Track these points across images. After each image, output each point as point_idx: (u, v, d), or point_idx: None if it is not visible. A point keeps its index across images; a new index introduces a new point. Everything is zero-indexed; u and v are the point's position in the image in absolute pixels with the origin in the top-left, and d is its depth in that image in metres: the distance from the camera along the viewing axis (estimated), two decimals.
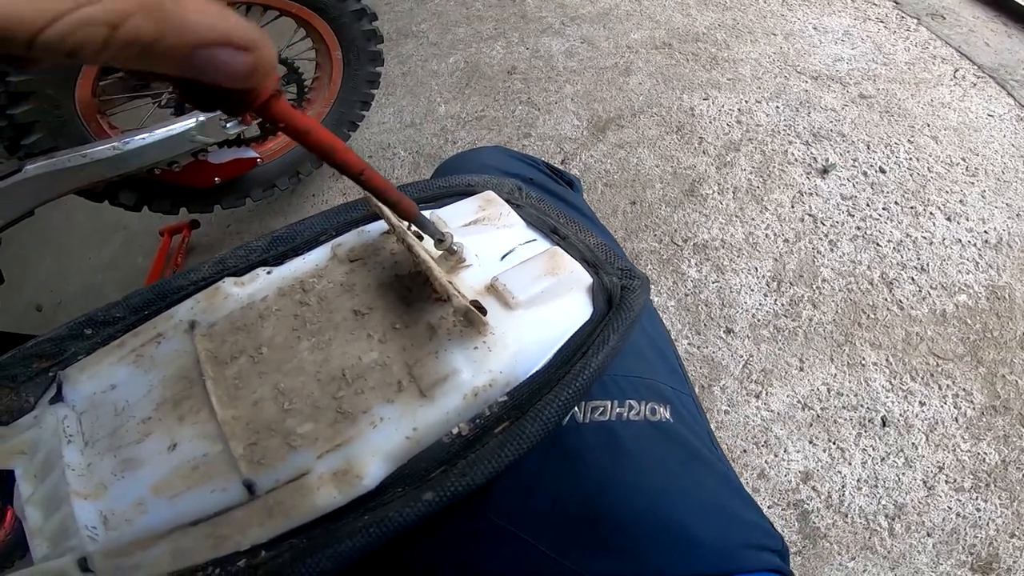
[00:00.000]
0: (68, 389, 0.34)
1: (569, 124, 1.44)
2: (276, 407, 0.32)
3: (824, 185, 1.23)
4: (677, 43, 1.58)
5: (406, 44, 1.74)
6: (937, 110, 1.34)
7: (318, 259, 0.39)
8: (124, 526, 0.30)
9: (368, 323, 0.35)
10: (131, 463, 0.31)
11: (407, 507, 0.30)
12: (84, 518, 0.29)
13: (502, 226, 0.44)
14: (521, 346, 0.34)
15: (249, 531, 0.30)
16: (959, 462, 0.91)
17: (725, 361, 1.03)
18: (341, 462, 0.31)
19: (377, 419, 0.32)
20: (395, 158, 1.47)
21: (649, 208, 1.25)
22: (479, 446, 0.32)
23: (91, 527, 0.29)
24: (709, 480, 0.41)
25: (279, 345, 0.34)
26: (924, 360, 1.00)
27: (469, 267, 0.38)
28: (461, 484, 0.30)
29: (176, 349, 0.35)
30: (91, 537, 0.29)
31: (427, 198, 0.48)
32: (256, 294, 0.37)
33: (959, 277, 1.09)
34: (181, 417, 0.32)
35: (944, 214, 1.17)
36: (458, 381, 0.32)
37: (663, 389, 0.43)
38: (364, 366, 0.33)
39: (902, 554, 0.85)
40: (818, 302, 1.08)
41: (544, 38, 1.67)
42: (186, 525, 0.30)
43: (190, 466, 0.31)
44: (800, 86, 1.43)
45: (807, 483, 0.92)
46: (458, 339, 0.33)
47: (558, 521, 0.37)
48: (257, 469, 0.30)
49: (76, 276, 1.44)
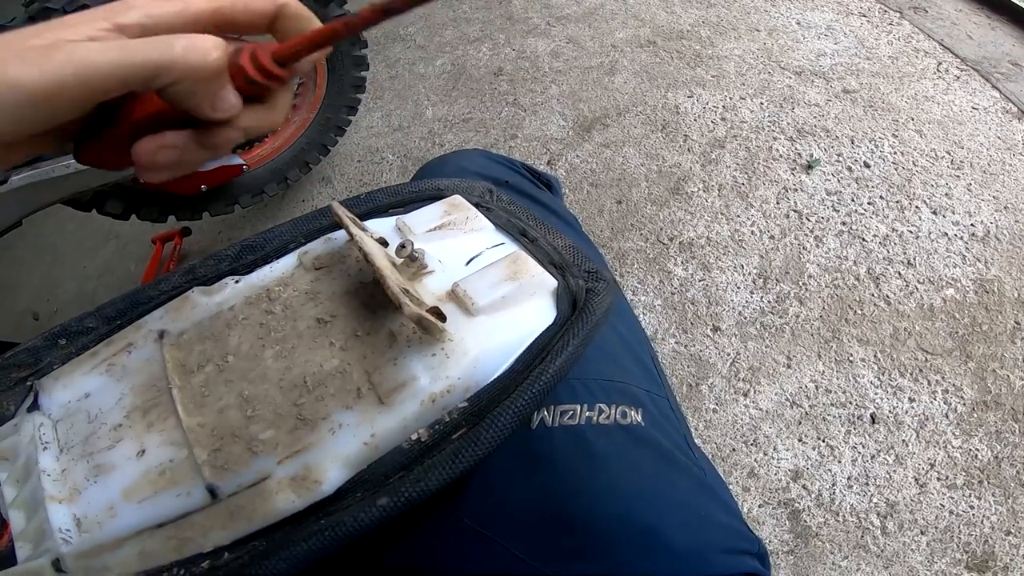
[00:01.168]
0: (44, 398, 0.35)
1: (555, 125, 1.43)
2: (240, 414, 0.33)
3: (809, 181, 1.23)
4: (662, 41, 1.58)
5: (393, 48, 1.74)
6: (921, 104, 1.34)
7: (285, 267, 0.39)
8: (96, 529, 0.31)
9: (331, 331, 0.35)
10: (103, 468, 0.32)
11: (362, 512, 0.30)
12: (58, 521, 0.30)
13: (469, 230, 0.43)
14: (481, 352, 0.34)
15: (211, 534, 0.31)
16: (951, 459, 0.91)
17: (712, 359, 1.03)
18: (300, 468, 0.31)
19: (336, 425, 0.32)
20: (383, 162, 1.46)
21: (635, 207, 1.24)
22: (436, 452, 0.32)
23: (64, 530, 0.30)
24: (683, 483, 0.41)
25: (245, 354, 0.35)
26: (913, 356, 1.00)
27: (431, 273, 0.38)
28: (415, 490, 0.31)
29: (146, 358, 0.36)
30: (64, 539, 0.30)
31: (396, 203, 0.47)
32: (224, 303, 0.38)
33: (946, 271, 1.08)
34: (150, 424, 0.33)
35: (930, 208, 1.17)
36: (416, 388, 0.33)
37: (635, 392, 0.43)
38: (325, 373, 0.34)
39: (896, 552, 0.85)
40: (805, 299, 1.08)
41: (530, 39, 1.67)
42: (152, 528, 0.31)
43: (157, 471, 0.32)
44: (784, 82, 1.43)
45: (797, 481, 0.91)
46: (417, 346, 0.34)
47: (531, 525, 0.37)
48: (220, 474, 0.31)
49: (70, 283, 1.44)
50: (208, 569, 0.30)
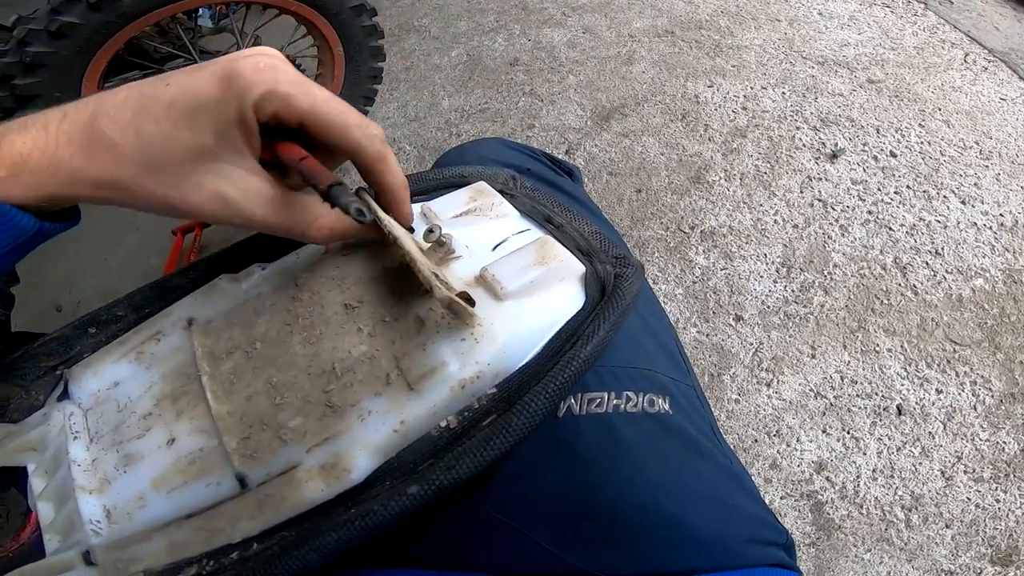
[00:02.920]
0: (74, 387, 0.35)
1: (573, 114, 1.42)
2: (268, 401, 0.32)
3: (834, 170, 1.21)
4: (680, 31, 1.56)
5: (408, 39, 1.74)
6: (948, 94, 1.32)
7: (311, 253, 0.39)
8: (125, 520, 0.30)
9: (358, 316, 0.34)
10: (132, 458, 0.32)
11: (392, 500, 0.29)
12: (88, 512, 0.30)
13: (494, 216, 0.43)
14: (510, 337, 0.34)
15: (240, 524, 0.30)
16: (978, 451, 0.89)
17: (735, 349, 1.01)
18: (329, 456, 0.31)
19: (365, 412, 0.31)
20: (400, 152, 1.46)
21: (655, 196, 1.23)
22: (467, 439, 0.32)
23: (95, 521, 0.30)
24: (710, 473, 0.40)
25: (272, 340, 0.34)
26: (940, 346, 0.98)
27: (459, 258, 0.38)
28: (447, 478, 0.30)
29: (175, 346, 0.35)
30: (95, 531, 0.30)
31: (420, 190, 0.47)
32: (251, 290, 0.37)
33: (975, 261, 1.06)
34: (179, 412, 0.33)
35: (958, 197, 1.14)
36: (445, 374, 0.32)
37: (662, 380, 0.42)
38: (353, 359, 0.33)
39: (919, 546, 0.83)
40: (829, 288, 1.06)
41: (546, 29, 1.66)
42: (181, 519, 0.30)
43: (187, 460, 0.31)
44: (806, 72, 1.40)
45: (821, 473, 0.90)
46: (446, 331, 0.33)
47: (557, 515, 0.36)
48: (249, 463, 0.30)
49: (93, 276, 1.45)
50: (237, 560, 0.29)
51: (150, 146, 0.25)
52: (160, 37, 1.05)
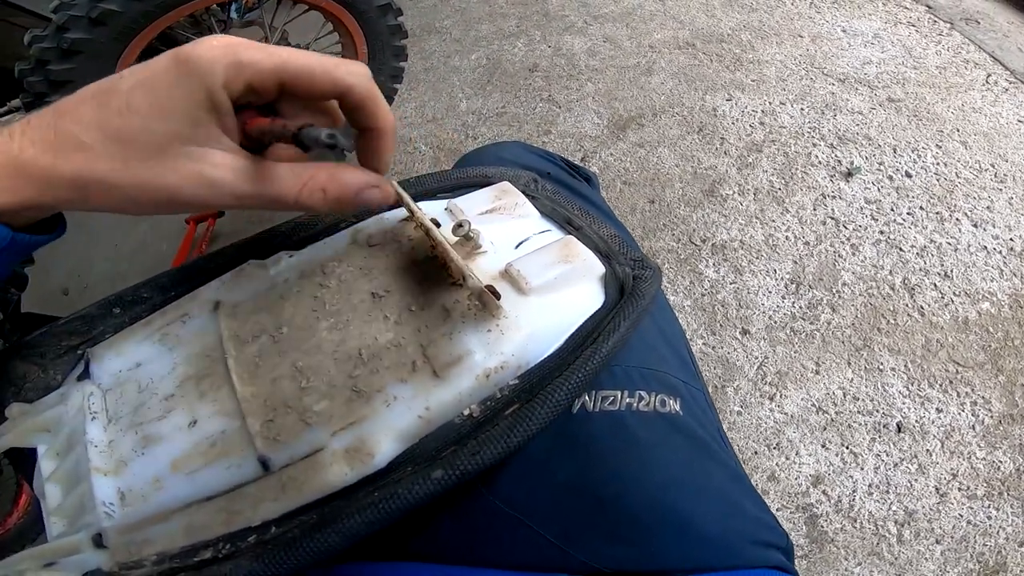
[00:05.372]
0: (95, 367, 0.35)
1: (590, 122, 1.44)
2: (294, 385, 0.32)
3: (848, 188, 1.22)
4: (701, 44, 1.57)
5: (429, 40, 1.76)
6: (968, 115, 1.32)
7: (338, 244, 0.39)
8: (140, 502, 0.30)
9: (385, 305, 0.35)
10: (152, 439, 0.31)
11: (416, 484, 0.30)
12: (102, 494, 0.30)
13: (517, 216, 0.44)
14: (533, 330, 0.35)
15: (261, 506, 0.30)
16: (973, 469, 0.90)
17: (740, 362, 1.03)
18: (354, 439, 0.31)
19: (391, 398, 0.32)
20: (416, 152, 1.49)
21: (668, 207, 1.25)
22: (489, 427, 0.32)
23: (108, 503, 0.30)
24: (718, 473, 0.41)
25: (299, 325, 0.35)
26: (943, 367, 0.99)
27: (484, 253, 0.39)
28: (472, 463, 0.31)
29: (200, 328, 0.36)
30: (107, 513, 0.29)
31: (445, 187, 0.48)
32: (278, 276, 0.38)
33: (983, 284, 1.07)
34: (202, 394, 0.33)
35: (971, 220, 1.15)
36: (471, 362, 0.33)
37: (674, 382, 0.43)
38: (380, 346, 0.33)
39: (909, 561, 0.84)
40: (837, 306, 1.07)
41: (566, 36, 1.67)
42: (201, 500, 0.30)
43: (208, 442, 0.31)
44: (826, 88, 1.41)
45: (817, 487, 0.91)
46: (472, 321, 0.34)
47: (565, 510, 0.37)
48: (273, 446, 0.30)
49: (102, 262, 1.48)
50: (255, 543, 0.30)
51: (119, 139, 0.25)
52: (193, 28, 1.08)
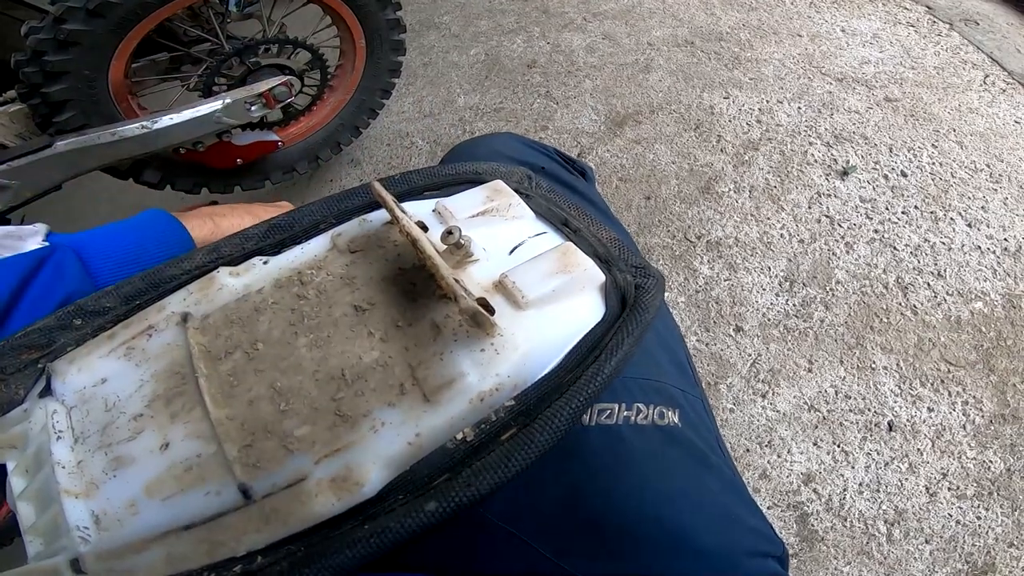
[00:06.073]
0: (57, 382, 0.33)
1: (587, 118, 1.44)
2: (272, 407, 0.30)
3: (843, 187, 1.22)
4: (700, 42, 1.57)
5: (428, 35, 1.76)
6: (964, 115, 1.32)
7: (317, 249, 0.37)
8: (116, 527, 0.28)
9: (369, 320, 0.33)
10: (123, 461, 0.30)
11: (408, 517, 0.28)
12: (75, 518, 0.28)
13: (511, 218, 0.41)
14: (530, 348, 0.33)
15: (245, 537, 0.29)
16: (963, 469, 0.90)
17: (733, 359, 1.03)
18: (340, 468, 0.29)
19: (378, 423, 0.30)
20: (413, 147, 1.48)
21: (663, 204, 1.25)
22: (485, 453, 0.30)
23: (83, 527, 0.28)
24: (715, 485, 0.40)
25: (276, 341, 0.32)
26: (935, 366, 0.99)
27: (476, 261, 0.36)
28: (466, 495, 0.29)
29: (168, 342, 0.33)
30: (83, 538, 0.28)
31: (432, 185, 0.45)
32: (252, 285, 0.35)
33: (976, 284, 1.07)
34: (174, 415, 0.30)
35: (965, 220, 1.15)
36: (464, 385, 0.31)
37: (672, 392, 0.42)
38: (364, 366, 0.31)
39: (898, 560, 0.84)
40: (831, 304, 1.07)
41: (565, 33, 1.67)
42: (180, 529, 0.29)
43: (183, 467, 0.29)
44: (824, 87, 1.41)
45: (808, 485, 0.91)
46: (464, 340, 0.31)
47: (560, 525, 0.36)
48: (253, 473, 0.29)
49: None
50: (241, 574, 0.28)
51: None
52: (191, 20, 1.08)
